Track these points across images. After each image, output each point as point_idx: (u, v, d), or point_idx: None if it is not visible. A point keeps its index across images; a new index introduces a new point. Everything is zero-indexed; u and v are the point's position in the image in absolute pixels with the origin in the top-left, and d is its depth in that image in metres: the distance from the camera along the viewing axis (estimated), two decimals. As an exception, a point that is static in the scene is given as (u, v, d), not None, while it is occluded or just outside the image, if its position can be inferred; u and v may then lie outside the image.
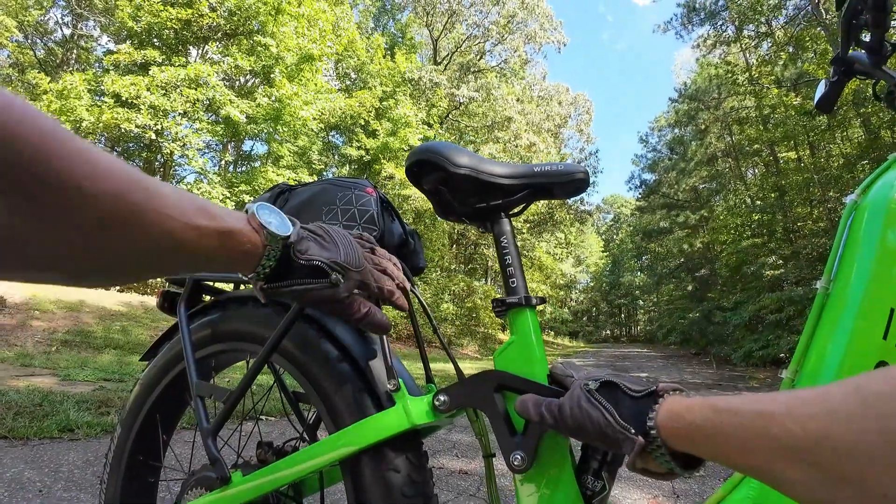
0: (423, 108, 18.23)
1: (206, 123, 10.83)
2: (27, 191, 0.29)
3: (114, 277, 0.40)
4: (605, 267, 54.53)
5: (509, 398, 0.70)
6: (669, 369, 10.84)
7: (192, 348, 0.86)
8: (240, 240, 0.45)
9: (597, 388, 0.52)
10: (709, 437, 0.38)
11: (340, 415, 0.74)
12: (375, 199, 0.84)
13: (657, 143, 27.71)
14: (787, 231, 11.55)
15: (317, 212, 0.82)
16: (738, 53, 15.44)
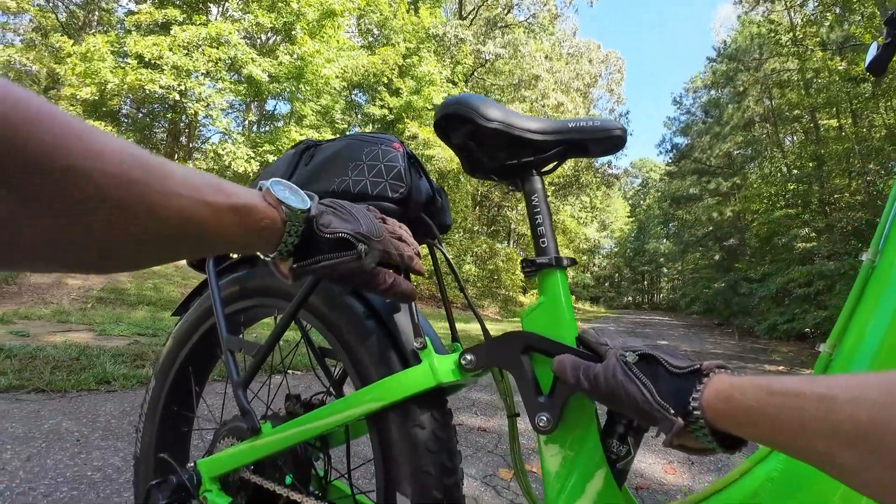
0: (447, 66, 17.76)
1: (228, 83, 10.78)
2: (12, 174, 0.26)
3: (125, 264, 0.37)
4: (630, 232, 53.66)
5: (536, 359, 0.69)
6: (691, 338, 10.77)
7: (221, 304, 0.88)
8: (257, 216, 0.43)
9: (635, 361, 0.50)
10: (762, 420, 0.37)
11: (367, 371, 0.75)
12: (402, 155, 0.81)
13: (691, 104, 26.60)
14: (823, 203, 11.07)
15: (342, 167, 0.80)
16: (782, 12, 14.47)
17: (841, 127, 12.01)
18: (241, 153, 10.76)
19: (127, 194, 0.32)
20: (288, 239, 0.47)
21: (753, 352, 8.49)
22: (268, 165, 0.94)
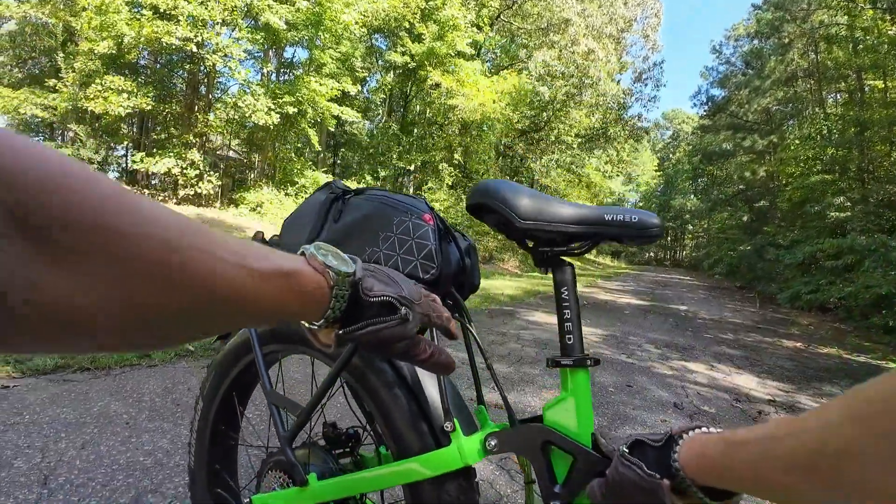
0: (472, 9, 16.91)
1: (245, 31, 10.51)
2: (50, 229, 0.25)
3: (163, 340, 0.35)
4: (656, 186, 52.35)
5: (554, 452, 0.73)
6: (710, 303, 10.73)
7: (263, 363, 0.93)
8: (304, 281, 0.42)
9: (628, 449, 0.56)
10: (726, 469, 0.42)
11: (400, 435, 0.81)
12: (433, 230, 0.81)
13: (732, 54, 25.05)
14: (861, 171, 10.55)
15: (372, 235, 0.81)
16: None
17: (887, 90, 11.23)
18: (260, 105, 10.63)
19: (170, 259, 0.31)
20: (336, 304, 0.45)
21: (773, 322, 8.44)
22: (294, 213, 0.94)
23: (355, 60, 14.65)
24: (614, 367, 3.75)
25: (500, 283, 10.11)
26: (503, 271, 15.25)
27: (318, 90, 11.67)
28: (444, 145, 16.75)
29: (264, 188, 12.17)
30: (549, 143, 20.67)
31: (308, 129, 12.87)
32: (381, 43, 18.49)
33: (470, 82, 15.20)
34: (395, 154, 16.76)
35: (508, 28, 20.08)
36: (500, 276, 13.11)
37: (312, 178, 13.61)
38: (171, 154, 10.55)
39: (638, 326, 6.17)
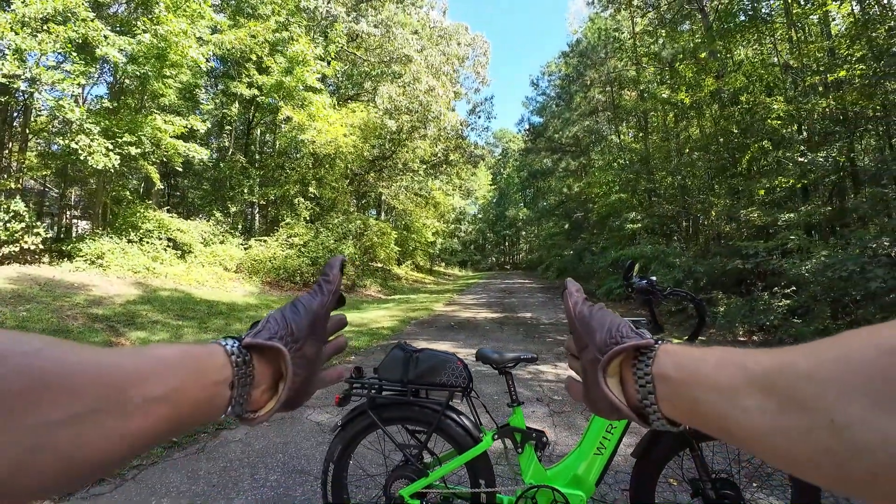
0: (319, 43, 17.37)
1: (80, 66, 9.51)
2: None
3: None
4: (492, 199, 57.73)
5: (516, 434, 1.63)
6: (547, 307, 12.76)
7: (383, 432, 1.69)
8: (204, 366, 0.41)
9: None
10: (692, 361, 0.39)
11: (462, 447, 1.70)
12: (464, 366, 1.71)
13: (546, 87, 29.30)
14: (649, 192, 13.72)
15: (440, 372, 1.68)
16: (627, 19, 16.82)
17: (668, 129, 14.67)
18: (96, 146, 9.73)
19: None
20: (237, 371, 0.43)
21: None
22: (385, 361, 1.74)
23: (200, 93, 14.00)
24: (490, 378, 4.76)
25: (373, 314, 10.76)
26: (367, 298, 15.87)
27: (161, 128, 11.03)
28: (297, 178, 16.80)
29: (103, 237, 11.00)
30: (397, 170, 21.96)
31: (148, 167, 12.02)
32: (219, 66, 17.80)
33: (321, 116, 15.61)
34: (245, 188, 16.32)
35: (351, 58, 20.90)
36: (367, 304, 13.73)
37: (157, 220, 12.67)
38: (-16, 206, 9.06)
39: (498, 340, 7.42)
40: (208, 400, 0.40)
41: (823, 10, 8.81)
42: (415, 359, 1.74)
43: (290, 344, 0.47)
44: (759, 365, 0.33)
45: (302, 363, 0.48)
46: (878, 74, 7.16)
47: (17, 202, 9.50)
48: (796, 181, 8.21)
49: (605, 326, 0.50)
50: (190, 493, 2.40)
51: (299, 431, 3.27)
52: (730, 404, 0.34)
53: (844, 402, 0.27)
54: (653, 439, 1.75)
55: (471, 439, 1.71)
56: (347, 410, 1.83)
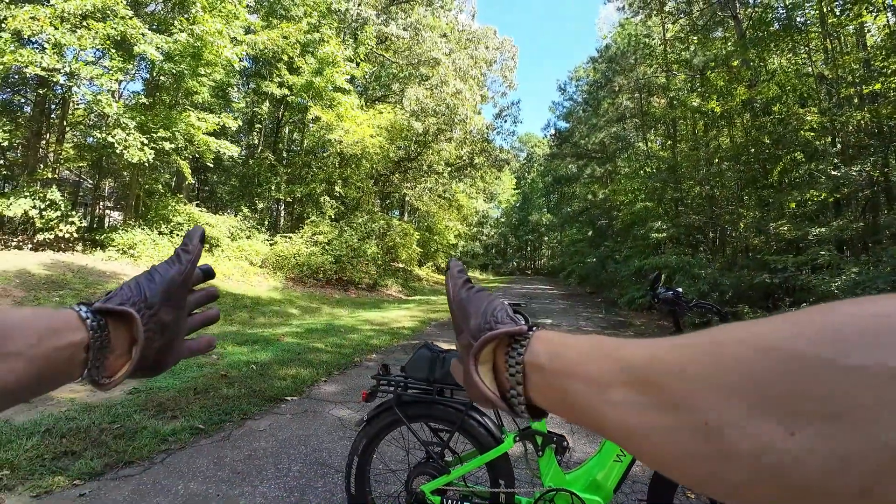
0: (349, 45, 17.64)
1: (117, 62, 9.87)
2: None
3: None
4: (515, 203, 57.48)
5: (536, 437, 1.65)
6: (568, 314, 12.68)
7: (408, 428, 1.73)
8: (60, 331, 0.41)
9: None
10: (565, 349, 0.37)
11: (484, 448, 1.73)
12: None
13: (574, 92, 29.09)
14: (675, 201, 13.50)
15: None
16: (658, 25, 16.63)
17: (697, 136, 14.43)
18: (132, 140, 10.06)
19: None
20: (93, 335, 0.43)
21: (616, 325, 10.45)
22: (412, 359, 1.79)
23: (232, 91, 14.34)
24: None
25: (394, 313, 10.86)
26: (388, 297, 16.00)
27: (195, 124, 11.36)
28: (323, 177, 17.06)
29: (135, 228, 11.37)
30: (422, 171, 22.10)
31: (181, 161, 12.38)
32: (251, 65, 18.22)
33: (349, 117, 15.83)
34: (272, 185, 16.65)
35: (380, 60, 21.14)
36: (388, 303, 13.86)
37: (186, 213, 13.04)
38: (26, 194, 9.46)
39: (519, 345, 7.43)
40: (66, 360, 0.41)
41: (859, 22, 8.57)
42: (441, 359, 1.78)
43: (142, 310, 0.47)
44: (632, 357, 0.31)
45: (156, 328, 0.48)
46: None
47: (53, 191, 9.89)
48: (828, 195, 7.99)
49: (481, 311, 0.47)
50: (216, 478, 2.49)
51: (321, 425, 3.35)
52: (599, 398, 0.32)
53: (718, 404, 0.25)
54: None
55: (492, 440, 1.74)
56: (373, 406, 1.89)
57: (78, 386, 3.79)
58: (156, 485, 2.40)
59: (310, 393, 4.16)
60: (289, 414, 3.57)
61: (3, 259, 8.30)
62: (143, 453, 2.68)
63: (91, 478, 2.41)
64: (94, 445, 2.70)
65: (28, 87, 12.08)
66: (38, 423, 2.92)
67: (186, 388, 3.86)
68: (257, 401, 3.75)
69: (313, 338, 6.76)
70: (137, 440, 2.82)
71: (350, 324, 8.59)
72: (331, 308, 11.55)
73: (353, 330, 7.82)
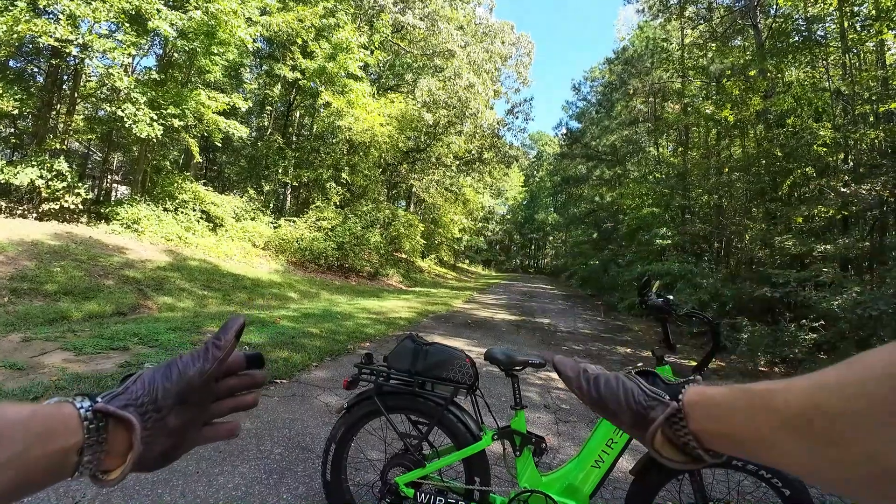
0: (364, 32, 17.55)
1: (131, 36, 9.85)
2: None
3: None
4: (522, 200, 57.34)
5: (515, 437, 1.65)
6: (567, 315, 12.65)
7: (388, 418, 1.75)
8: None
9: (636, 371, 0.56)
10: (723, 411, 0.41)
11: (462, 443, 1.72)
12: (471, 364, 1.72)
13: (588, 93, 28.91)
14: (682, 209, 13.40)
15: (448, 368, 1.73)
16: (677, 30, 16.45)
17: (709, 146, 14.30)
18: (142, 115, 10.07)
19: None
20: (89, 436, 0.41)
21: (614, 330, 10.41)
22: (395, 350, 1.80)
23: (244, 72, 14.31)
24: (503, 380, 4.77)
25: (392, 303, 10.87)
26: (388, 287, 16.01)
27: (205, 103, 11.35)
28: (331, 163, 17.04)
29: (140, 203, 11.41)
30: (430, 163, 22.03)
31: (189, 139, 12.39)
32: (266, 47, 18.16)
33: (360, 104, 15.78)
34: (280, 168, 16.65)
35: (395, 49, 21.03)
36: (388, 293, 13.87)
37: (193, 191, 13.07)
38: (34, 163, 9.49)
39: (514, 343, 7.41)
40: (57, 464, 0.40)
41: (879, 38, 8.43)
42: (424, 351, 1.77)
43: (148, 413, 0.45)
44: (789, 407, 0.35)
45: (161, 433, 0.46)
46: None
47: (60, 162, 9.92)
48: (836, 212, 7.90)
49: (623, 403, 0.51)
50: (197, 455, 2.50)
51: (307, 410, 3.35)
52: (770, 451, 0.36)
53: (876, 434, 0.29)
54: (653, 459, 1.74)
55: (470, 436, 1.73)
56: (355, 394, 1.88)
57: (73, 357, 3.82)
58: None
59: (300, 377, 4.17)
60: (276, 397, 3.58)
61: (8, 227, 8.34)
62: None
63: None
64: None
65: (41, 58, 12.08)
66: (28, 390, 2.95)
67: (177, 365, 3.86)
68: (247, 382, 3.76)
69: (309, 323, 6.78)
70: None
71: (347, 311, 8.60)
72: (330, 294, 11.57)
73: (349, 317, 7.83)
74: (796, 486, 1.60)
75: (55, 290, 6.21)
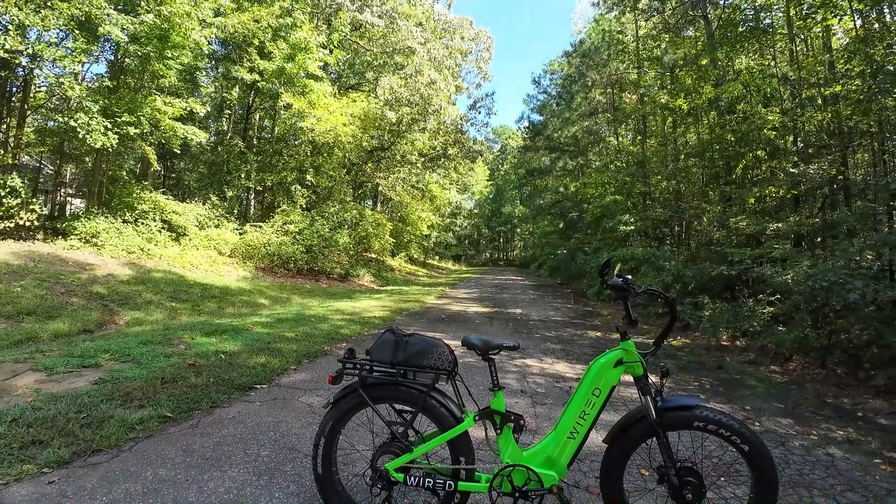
0: (322, 31, 17.34)
1: (81, 43, 9.46)
2: None
3: None
4: (489, 194, 57.82)
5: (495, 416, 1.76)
6: (538, 304, 12.91)
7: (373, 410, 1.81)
8: None
9: None
10: None
11: (446, 426, 1.83)
12: (450, 351, 1.83)
13: (548, 86, 29.31)
14: (644, 195, 13.85)
15: (428, 355, 1.83)
16: (632, 22, 16.88)
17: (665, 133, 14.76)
18: (96, 124, 9.70)
19: None
20: None
21: (583, 316, 10.71)
22: (377, 343, 1.88)
23: (200, 74, 13.94)
24: (481, 371, 4.89)
25: (365, 303, 10.86)
26: (360, 287, 15.96)
27: (161, 109, 11.03)
28: (294, 165, 16.81)
29: (98, 216, 11.01)
30: (395, 161, 21.99)
31: (146, 147, 12.02)
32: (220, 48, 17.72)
33: (321, 105, 15.62)
34: (242, 173, 16.32)
35: (354, 47, 20.84)
36: (360, 294, 13.83)
37: (152, 201, 12.69)
38: (-19, 180, 9.04)
39: (488, 333, 7.54)
40: None
41: (824, 25, 8.90)
42: (404, 342, 1.86)
43: None
44: None
45: None
46: (872, 91, 7.29)
47: (13, 178, 9.50)
48: (786, 191, 8.36)
49: None
50: (185, 464, 2.51)
51: (291, 412, 3.39)
52: None
53: None
54: (622, 428, 1.88)
55: (453, 419, 1.83)
56: (339, 389, 1.95)
57: (45, 377, 3.72)
58: (125, 472, 2.41)
59: (279, 381, 4.18)
60: (258, 402, 3.59)
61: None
62: (110, 441, 2.68)
63: (59, 466, 2.42)
64: (62, 434, 2.69)
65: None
66: (5, 413, 2.88)
67: (154, 378, 3.83)
68: (226, 389, 3.76)
69: (283, 327, 6.75)
70: (105, 429, 2.81)
71: (321, 313, 8.57)
72: (301, 298, 11.48)
73: (323, 320, 7.82)
74: (754, 443, 1.75)
75: (18, 311, 5.99)
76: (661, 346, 1.92)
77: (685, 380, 5.09)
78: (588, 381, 1.84)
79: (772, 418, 3.86)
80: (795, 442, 3.31)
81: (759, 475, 1.76)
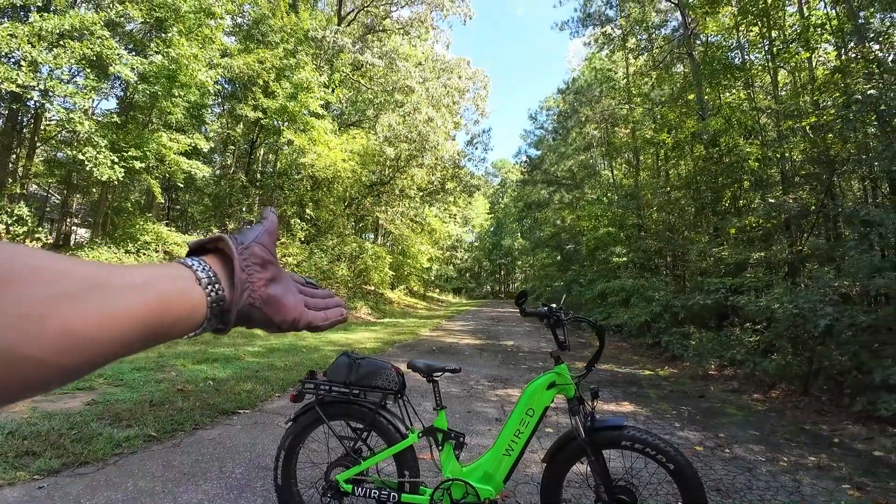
0: (325, 71, 18.08)
1: (91, 81, 10.01)
2: None
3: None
4: (489, 227, 58.33)
5: (437, 434, 1.94)
6: (531, 336, 12.99)
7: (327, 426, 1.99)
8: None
9: None
10: None
11: (393, 441, 1.99)
12: (398, 373, 2.06)
13: (544, 121, 30.13)
14: (637, 227, 14.15)
15: (377, 377, 2.06)
16: (622, 60, 17.61)
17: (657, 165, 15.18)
18: (103, 158, 10.13)
19: None
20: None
21: (574, 347, 10.79)
22: (333, 365, 2.10)
23: (205, 111, 14.53)
24: (459, 400, 5.03)
25: (359, 335, 11.01)
26: (357, 319, 16.07)
27: (167, 144, 11.49)
28: (295, 199, 17.26)
29: (102, 246, 11.34)
30: (395, 195, 22.48)
31: (151, 180, 12.44)
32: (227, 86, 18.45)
33: (322, 141, 16.17)
34: (244, 206, 16.76)
35: (355, 85, 21.63)
36: (356, 325, 13.96)
37: (155, 232, 13.03)
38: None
39: (475, 364, 7.67)
40: (188, 290, 0.41)
41: (801, 58, 9.28)
42: (357, 364, 2.06)
43: (233, 240, 0.48)
44: None
45: (254, 261, 0.48)
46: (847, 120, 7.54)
47: (21, 206, 9.87)
48: (765, 221, 8.59)
49: None
50: (163, 478, 2.70)
51: (269, 435, 3.55)
52: None
53: None
54: (559, 447, 2.05)
55: (399, 435, 2.02)
56: (301, 406, 2.15)
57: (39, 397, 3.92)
58: (108, 482, 2.62)
59: (262, 407, 4.34)
60: (239, 425, 3.76)
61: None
62: (97, 455, 2.90)
63: (49, 474, 2.66)
64: (53, 447, 2.92)
65: (1, 102, 12.08)
66: (2, 426, 3.13)
67: (143, 401, 4.00)
68: (210, 413, 3.93)
69: (274, 357, 6.91)
70: (93, 444, 3.02)
71: (314, 344, 8.73)
72: (297, 328, 11.60)
73: (315, 350, 7.97)
74: (679, 461, 1.90)
75: None
76: (592, 370, 2.10)
77: (664, 409, 5.17)
78: (523, 402, 2.02)
79: (744, 445, 3.95)
80: (763, 468, 3.39)
81: (684, 492, 1.87)
